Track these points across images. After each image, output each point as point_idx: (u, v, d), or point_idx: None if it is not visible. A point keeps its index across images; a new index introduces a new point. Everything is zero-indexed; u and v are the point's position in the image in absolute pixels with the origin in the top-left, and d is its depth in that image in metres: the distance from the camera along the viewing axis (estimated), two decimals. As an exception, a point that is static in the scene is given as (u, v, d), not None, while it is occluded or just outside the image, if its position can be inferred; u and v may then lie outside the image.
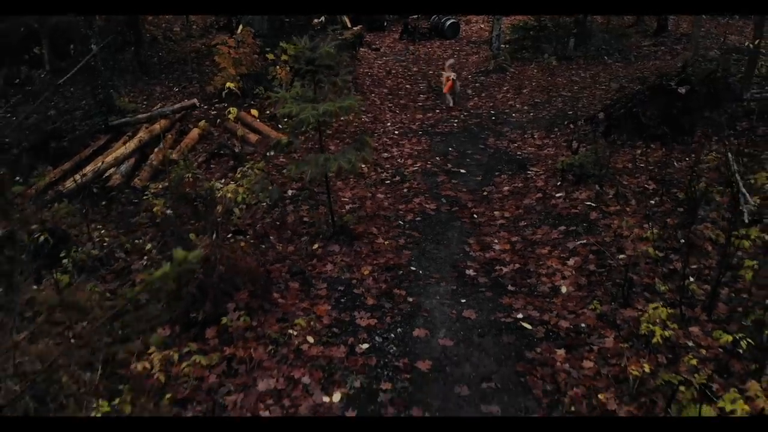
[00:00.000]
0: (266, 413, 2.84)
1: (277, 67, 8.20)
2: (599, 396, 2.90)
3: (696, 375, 2.77)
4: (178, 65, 11.84)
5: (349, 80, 6.79)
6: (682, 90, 6.61)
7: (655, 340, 2.90)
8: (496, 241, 4.78)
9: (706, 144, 6.25)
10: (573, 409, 2.86)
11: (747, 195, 3.62)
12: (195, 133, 7.22)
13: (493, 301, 3.87)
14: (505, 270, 4.30)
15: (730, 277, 3.76)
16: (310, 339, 3.38)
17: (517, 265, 4.34)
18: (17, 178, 6.60)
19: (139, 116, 7.46)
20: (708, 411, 2.61)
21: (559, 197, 5.37)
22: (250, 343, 3.27)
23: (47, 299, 1.98)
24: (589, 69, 11.14)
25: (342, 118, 8.08)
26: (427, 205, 5.52)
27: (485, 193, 5.83)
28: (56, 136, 7.46)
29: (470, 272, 4.29)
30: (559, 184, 5.66)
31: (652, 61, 11.41)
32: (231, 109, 6.36)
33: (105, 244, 4.23)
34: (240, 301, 3.52)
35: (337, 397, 2.96)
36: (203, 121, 7.51)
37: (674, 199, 5.03)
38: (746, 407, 2.45)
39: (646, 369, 2.95)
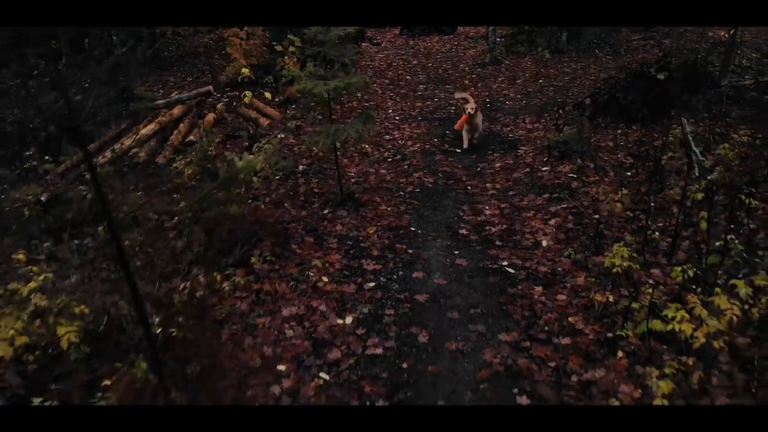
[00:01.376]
0: (290, 332, 3.40)
1: (285, 57, 8.76)
2: (569, 319, 3.47)
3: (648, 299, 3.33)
4: (189, 58, 12.39)
5: (356, 60, 7.32)
6: (660, 76, 7.18)
7: (615, 270, 3.46)
8: (486, 207, 5.35)
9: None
10: (546, 329, 3.42)
11: (698, 152, 4.16)
12: (210, 117, 7.78)
13: (482, 253, 4.44)
14: (493, 230, 4.86)
15: (692, 232, 4.32)
16: (325, 279, 3.95)
17: (505, 226, 4.91)
18: (47, 157, 7.18)
19: (158, 102, 8.02)
20: (657, 324, 3.16)
21: (545, 170, 5.94)
22: (275, 280, 3.84)
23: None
24: (581, 61, 11.69)
25: (347, 105, 8.68)
26: (426, 179, 6.08)
27: (479, 169, 6.39)
28: (80, 120, 8.01)
29: (463, 231, 4.86)
30: (545, 159, 6.22)
31: (641, 54, 11.95)
32: (246, 92, 6.92)
33: (139, 204, 4.77)
34: (264, 249, 4.09)
35: (349, 320, 3.53)
36: (220, 104, 8.09)
37: (648, 171, 5.58)
38: (687, 315, 3.00)
39: (610, 299, 3.52)
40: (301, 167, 6.30)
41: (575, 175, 5.64)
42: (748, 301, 2.71)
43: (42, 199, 5.16)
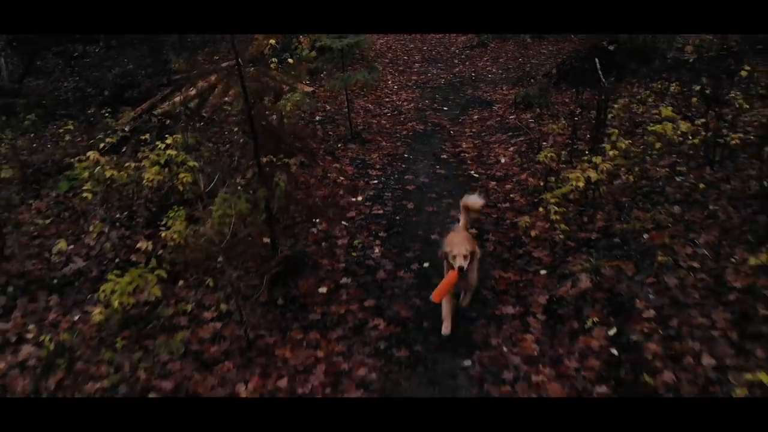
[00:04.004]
0: (320, 202, 4.98)
1: (300, 37, 10.33)
2: (510, 195, 5.04)
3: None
4: (212, 41, 13.95)
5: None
6: (611, 48, 8.74)
7: (542, 158, 5.02)
8: (464, 143, 6.92)
9: (626, 87, 8.37)
10: (493, 200, 4.99)
11: (603, 79, 5.67)
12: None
13: (456, 167, 6.02)
14: (467, 155, 6.44)
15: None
16: (342, 178, 5.54)
17: (475, 153, 6.48)
18: (106, 114, 8.78)
19: (194, 72, 9.58)
20: (566, 189, 4.70)
21: (512, 117, 7.52)
22: (306, 176, 5.42)
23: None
24: (558, 44, 13.23)
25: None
26: (417, 127, 7.66)
27: (460, 120, 7.97)
28: (130, 87, 9.63)
29: (444, 156, 6.44)
30: (513, 110, 7.80)
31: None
32: (273, 59, 8.47)
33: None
34: (298, 157, 5.67)
35: (360, 198, 5.12)
36: (253, 68, 9.65)
37: (590, 118, 7.15)
38: (581, 176, 4.53)
39: (541, 183, 5.09)
40: (318, 117, 7.88)
41: (534, 120, 7.21)
42: (614, 160, 4.26)
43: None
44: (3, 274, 3.72)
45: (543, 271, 3.77)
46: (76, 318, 3.42)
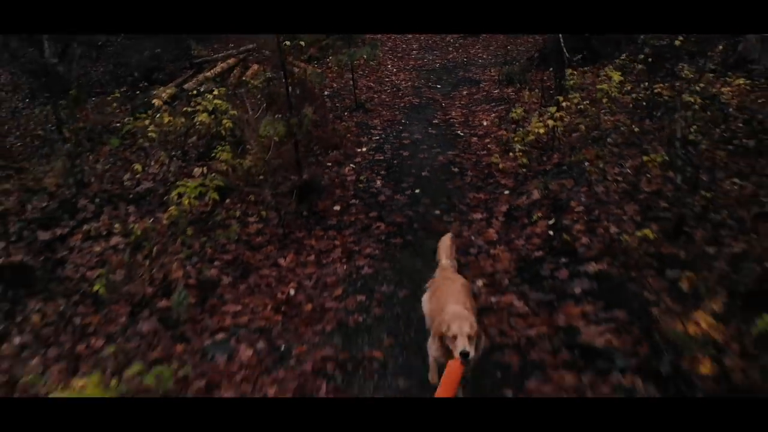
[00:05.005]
0: (332, 153, 6.08)
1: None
2: (488, 146, 6.14)
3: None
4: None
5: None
6: (586, 34, 9.83)
7: (514, 117, 6.11)
8: (453, 112, 8.01)
9: (599, 67, 9.46)
10: (473, 150, 6.08)
11: (566, 54, 6.76)
12: (256, 67, 10.45)
13: (445, 129, 7.12)
14: (455, 121, 7.53)
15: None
16: (348, 134, 6.63)
17: (463, 119, 7.58)
18: (137, 92, 9.87)
19: (215, 56, 10.69)
20: (530, 135, 5.78)
21: (496, 92, 8.62)
22: (318, 132, 6.51)
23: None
24: (546, 35, 14.32)
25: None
26: (414, 100, 8.76)
27: (451, 95, 9.06)
28: (157, 69, 10.73)
29: (435, 121, 7.53)
30: (497, 87, 8.90)
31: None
32: (286, 42, 9.55)
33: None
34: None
35: (364, 148, 6.22)
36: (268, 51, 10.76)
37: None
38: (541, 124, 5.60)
39: (511, 135, 6.18)
40: (326, 93, 8.97)
41: (514, 93, 8.31)
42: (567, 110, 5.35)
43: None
44: (89, 192, 4.82)
45: (506, 192, 4.87)
46: (151, 221, 4.52)
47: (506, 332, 3.00)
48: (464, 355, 2.16)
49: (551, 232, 4.01)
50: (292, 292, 3.62)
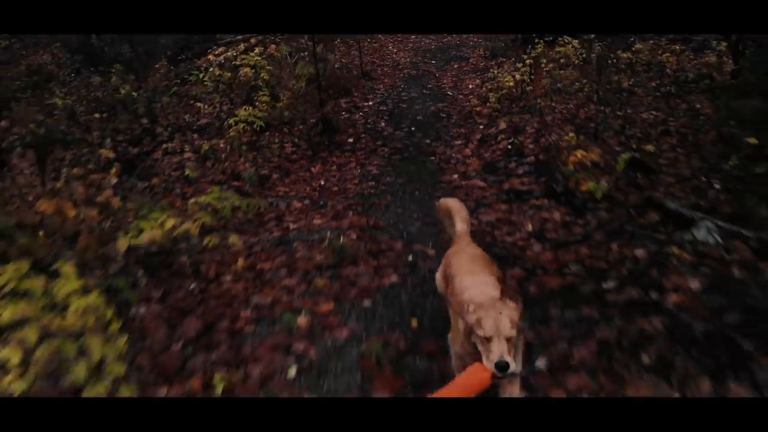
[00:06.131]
0: (343, 104, 7.54)
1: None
2: (470, 100, 7.60)
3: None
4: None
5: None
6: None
7: (491, 76, 7.56)
8: (444, 80, 9.49)
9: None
10: (458, 103, 7.55)
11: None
12: (274, 47, 11.90)
13: (437, 91, 8.60)
14: (446, 85, 9.01)
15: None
16: (357, 95, 8.10)
17: (452, 84, 9.05)
18: (172, 67, 11.31)
19: (237, 37, 12.15)
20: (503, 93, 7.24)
21: (482, 64, 10.09)
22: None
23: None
24: (532, 20, 15.76)
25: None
26: (412, 72, 10.23)
27: (444, 68, 10.53)
28: (186, 48, 12.20)
29: (429, 86, 9.01)
30: (483, 60, 10.36)
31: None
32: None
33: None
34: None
35: (370, 102, 7.69)
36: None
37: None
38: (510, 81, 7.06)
39: (488, 88, 7.64)
40: (337, 65, 10.44)
41: (497, 65, 9.77)
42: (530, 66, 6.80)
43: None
44: (162, 123, 6.33)
45: (481, 126, 6.35)
46: (213, 142, 5.98)
47: (470, 195, 4.47)
48: (502, 367, 1.66)
49: (510, 147, 5.48)
50: (323, 182, 5.10)
